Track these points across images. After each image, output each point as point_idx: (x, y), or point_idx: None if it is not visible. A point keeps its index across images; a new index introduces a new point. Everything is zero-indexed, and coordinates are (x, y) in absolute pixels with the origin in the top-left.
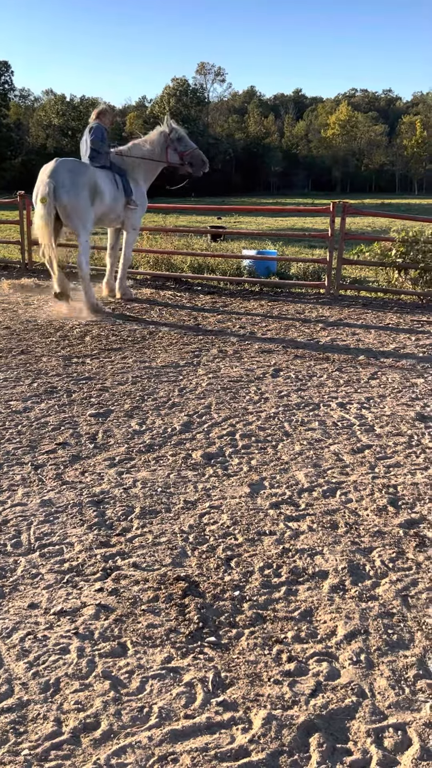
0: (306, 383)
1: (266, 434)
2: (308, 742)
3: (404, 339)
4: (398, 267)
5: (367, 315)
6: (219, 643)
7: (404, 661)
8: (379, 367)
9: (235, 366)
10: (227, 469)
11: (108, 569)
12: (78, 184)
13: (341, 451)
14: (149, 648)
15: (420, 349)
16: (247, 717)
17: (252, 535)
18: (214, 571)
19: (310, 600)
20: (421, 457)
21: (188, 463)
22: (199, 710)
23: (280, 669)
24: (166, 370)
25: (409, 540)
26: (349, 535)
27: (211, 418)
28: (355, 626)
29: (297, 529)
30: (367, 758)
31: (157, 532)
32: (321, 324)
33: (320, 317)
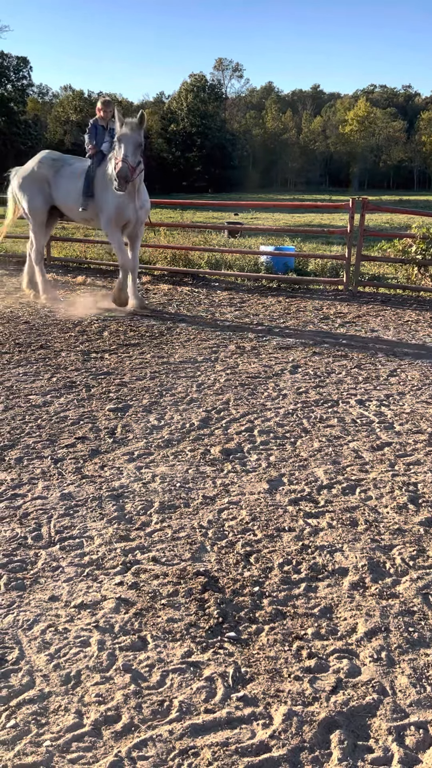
0: (324, 380)
1: (285, 430)
2: (329, 738)
3: (424, 336)
4: (418, 264)
5: (386, 312)
6: (239, 638)
7: (425, 659)
8: (399, 364)
9: (253, 362)
10: (246, 465)
11: (128, 563)
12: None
13: (360, 448)
14: (169, 642)
15: None
16: (268, 712)
17: (271, 531)
18: (233, 566)
19: (330, 597)
20: None
21: (207, 458)
22: (219, 705)
23: (301, 665)
24: (184, 366)
25: (429, 538)
26: (369, 533)
27: (229, 413)
28: (375, 624)
29: (316, 526)
30: (388, 756)
31: (177, 527)
32: (339, 320)
33: (339, 314)
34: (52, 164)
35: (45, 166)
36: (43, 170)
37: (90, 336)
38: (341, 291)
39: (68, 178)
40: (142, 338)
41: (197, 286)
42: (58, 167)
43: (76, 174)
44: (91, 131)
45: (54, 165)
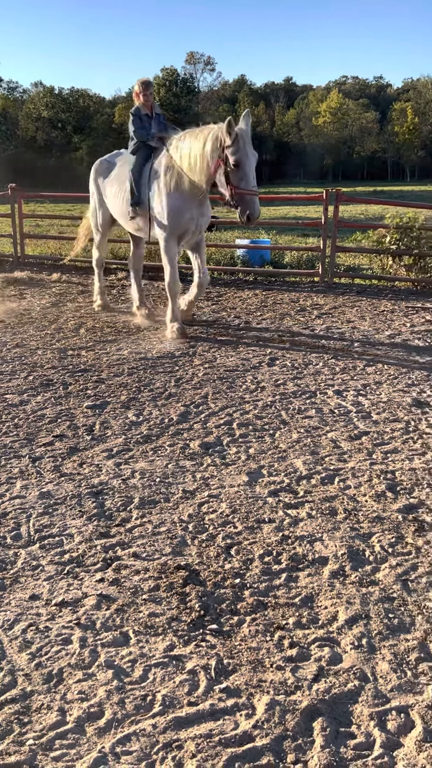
0: (302, 371)
1: (263, 423)
2: (312, 726)
3: (399, 326)
4: (392, 254)
5: (361, 302)
6: (221, 630)
7: (405, 644)
8: (375, 354)
9: (231, 355)
10: (225, 458)
11: (108, 560)
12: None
13: (339, 438)
14: (151, 637)
15: (415, 335)
16: (251, 703)
17: (251, 523)
18: (214, 559)
19: (310, 586)
20: (419, 442)
21: (186, 453)
22: (202, 697)
23: (283, 655)
24: (162, 361)
25: (408, 525)
26: (348, 521)
27: (208, 407)
28: (356, 611)
29: (296, 517)
30: (370, 741)
31: (157, 522)
32: (316, 312)
33: (315, 305)
34: (107, 168)
35: (99, 170)
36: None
37: (66, 333)
38: (317, 282)
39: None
40: (119, 334)
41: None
42: (111, 169)
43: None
44: (136, 122)
45: (109, 168)
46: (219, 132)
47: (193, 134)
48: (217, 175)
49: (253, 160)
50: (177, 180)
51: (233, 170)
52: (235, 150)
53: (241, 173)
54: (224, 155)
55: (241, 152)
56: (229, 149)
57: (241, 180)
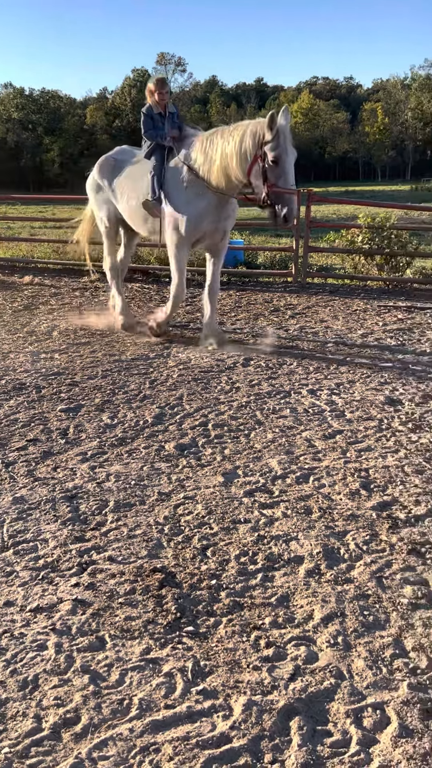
0: (276, 371)
1: (238, 423)
2: (289, 725)
3: (372, 325)
4: (364, 253)
5: (334, 302)
6: (197, 632)
7: (381, 641)
8: (348, 353)
9: (206, 356)
10: (200, 459)
11: (84, 564)
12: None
13: (313, 437)
14: (127, 640)
15: (387, 334)
16: (228, 704)
17: (227, 523)
18: (190, 561)
19: (286, 585)
20: (392, 440)
21: (161, 454)
22: (179, 700)
23: (259, 655)
24: (137, 363)
25: (382, 522)
26: (323, 520)
27: (183, 409)
28: (331, 609)
29: (271, 516)
30: (347, 738)
31: (132, 525)
32: (290, 312)
33: (289, 305)
34: (114, 166)
35: (105, 169)
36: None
37: (39, 336)
38: (291, 283)
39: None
40: (93, 337)
41: (147, 282)
42: (119, 167)
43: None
44: (147, 122)
45: (116, 166)
46: (257, 127)
47: (224, 132)
48: (253, 172)
49: (292, 158)
50: (201, 182)
51: (272, 167)
52: (275, 146)
53: (280, 170)
54: (262, 151)
55: (281, 148)
56: (269, 145)
57: (280, 178)
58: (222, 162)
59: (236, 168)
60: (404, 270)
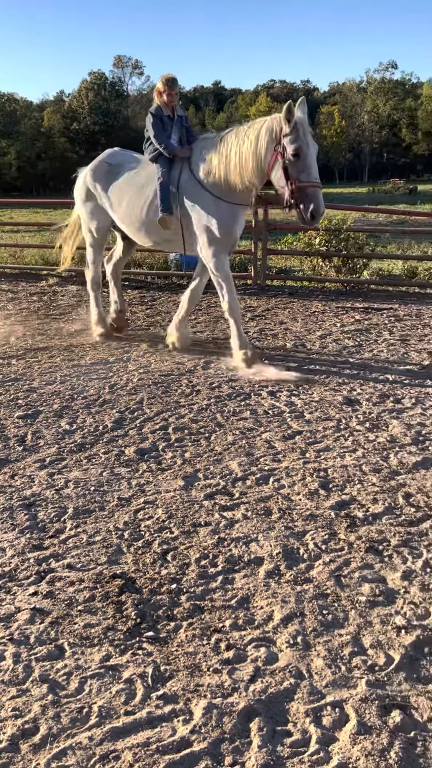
0: (236, 374)
1: (199, 426)
2: (249, 727)
3: (330, 326)
4: (322, 255)
5: (293, 304)
6: (157, 637)
7: (339, 639)
8: (307, 354)
9: (166, 360)
10: (161, 463)
11: (42, 572)
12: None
13: (273, 438)
14: (87, 648)
15: (345, 335)
16: (188, 708)
17: (187, 527)
18: (150, 566)
19: (246, 587)
20: (350, 439)
21: (121, 459)
22: (139, 706)
23: (219, 658)
24: (96, 368)
25: (340, 521)
26: (283, 521)
27: (143, 413)
28: (291, 609)
29: (232, 518)
30: (306, 738)
31: (92, 532)
32: (249, 314)
33: (248, 308)
34: (109, 171)
35: (99, 174)
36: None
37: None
38: (250, 285)
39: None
40: (51, 341)
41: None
42: (115, 172)
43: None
44: (157, 124)
45: (111, 171)
46: (273, 122)
47: (238, 132)
48: (274, 171)
49: (314, 150)
50: (223, 186)
51: (292, 162)
52: (294, 138)
53: (301, 164)
54: (281, 146)
55: (301, 140)
56: (288, 138)
57: (302, 172)
58: (241, 162)
59: (253, 170)
60: (361, 272)
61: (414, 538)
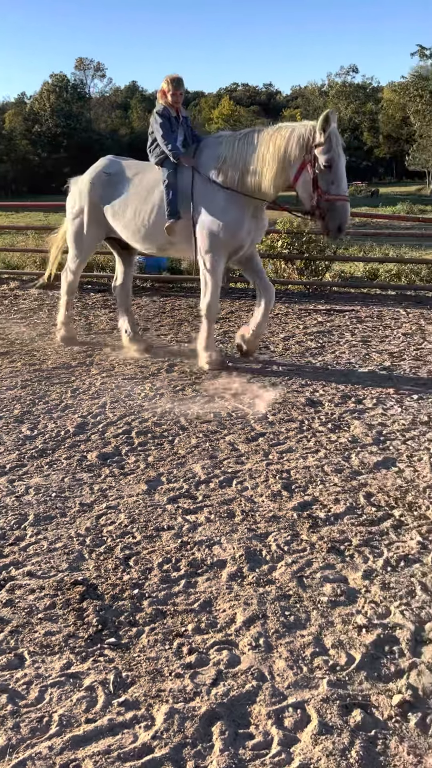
0: (200, 376)
1: (162, 430)
2: (211, 731)
3: (293, 328)
4: (285, 258)
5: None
6: (119, 643)
7: (301, 640)
8: (270, 356)
9: (129, 364)
10: (124, 467)
11: (2, 580)
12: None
13: (236, 440)
14: (47, 656)
15: (308, 337)
16: (150, 714)
17: (150, 531)
18: (112, 571)
19: (209, 590)
20: (312, 440)
21: (83, 465)
22: (100, 713)
23: (181, 662)
24: (58, 372)
25: (302, 522)
26: (246, 523)
27: (106, 417)
28: (253, 612)
29: (195, 522)
30: (268, 740)
31: (53, 538)
32: None
33: None
34: (109, 182)
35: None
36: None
37: None
38: None
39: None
40: (12, 346)
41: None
42: (117, 184)
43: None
44: (165, 125)
45: (111, 182)
46: (304, 130)
47: (260, 135)
48: (300, 179)
49: (343, 161)
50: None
51: (323, 172)
52: (327, 149)
53: (332, 176)
54: (312, 156)
55: (334, 152)
56: (320, 148)
57: (332, 184)
58: (259, 169)
59: (276, 177)
60: (323, 274)
61: (375, 537)
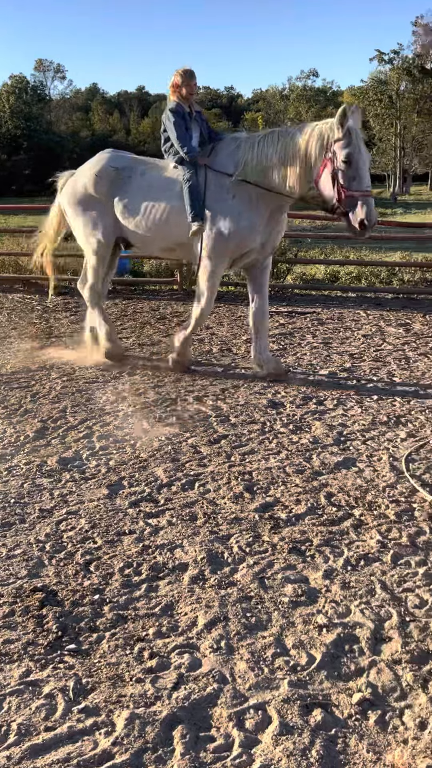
0: (163, 379)
1: (124, 433)
2: (172, 735)
3: None
4: None
5: (219, 308)
6: (79, 649)
7: (262, 641)
8: (233, 359)
9: (90, 367)
10: (84, 472)
11: None
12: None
13: (198, 443)
14: (6, 665)
15: (270, 339)
16: (110, 720)
17: (111, 536)
18: (72, 577)
19: (170, 594)
20: (274, 442)
21: (43, 470)
22: (60, 720)
23: (142, 667)
24: (17, 376)
25: (264, 523)
26: (208, 525)
27: (66, 422)
28: (215, 614)
29: (157, 525)
30: (229, 742)
31: (11, 545)
32: (176, 320)
33: (175, 313)
34: (117, 175)
35: (106, 177)
36: (104, 188)
37: None
38: (177, 290)
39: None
40: None
41: (29, 292)
42: (126, 176)
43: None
44: (179, 124)
45: (120, 175)
46: (324, 127)
47: (282, 135)
48: (322, 177)
49: (366, 158)
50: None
51: (343, 168)
52: (346, 143)
53: (352, 171)
54: (332, 152)
55: (354, 146)
56: (339, 143)
57: (353, 180)
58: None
59: (300, 176)
60: (285, 276)
61: (335, 537)
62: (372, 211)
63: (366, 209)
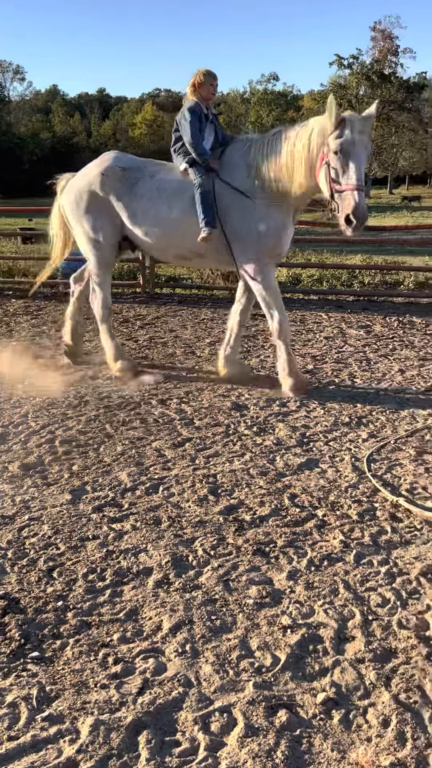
0: (126, 383)
1: (87, 437)
2: (137, 741)
3: (219, 333)
4: None
5: (183, 312)
6: (43, 657)
7: (227, 644)
8: (197, 361)
9: (52, 371)
10: (47, 477)
11: None
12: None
13: (163, 446)
14: None
15: None
16: (75, 727)
17: (75, 542)
18: (35, 584)
19: (135, 599)
20: (238, 444)
21: (4, 476)
22: (23, 729)
23: (107, 672)
24: None
25: (228, 526)
26: (172, 529)
27: (28, 427)
28: (179, 618)
29: (121, 530)
30: (195, 745)
31: None
32: (139, 323)
33: (138, 316)
34: (123, 177)
35: (112, 179)
36: (110, 188)
37: None
38: (139, 293)
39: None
40: None
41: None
42: (132, 178)
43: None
44: (194, 124)
45: (126, 177)
46: (325, 120)
47: (292, 131)
48: (321, 174)
49: (360, 150)
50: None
51: (334, 161)
52: (338, 134)
53: (342, 164)
54: (327, 145)
55: (346, 137)
56: (332, 135)
57: (343, 173)
58: (290, 165)
59: (303, 171)
60: None
61: (299, 537)
62: (360, 207)
63: (353, 204)
